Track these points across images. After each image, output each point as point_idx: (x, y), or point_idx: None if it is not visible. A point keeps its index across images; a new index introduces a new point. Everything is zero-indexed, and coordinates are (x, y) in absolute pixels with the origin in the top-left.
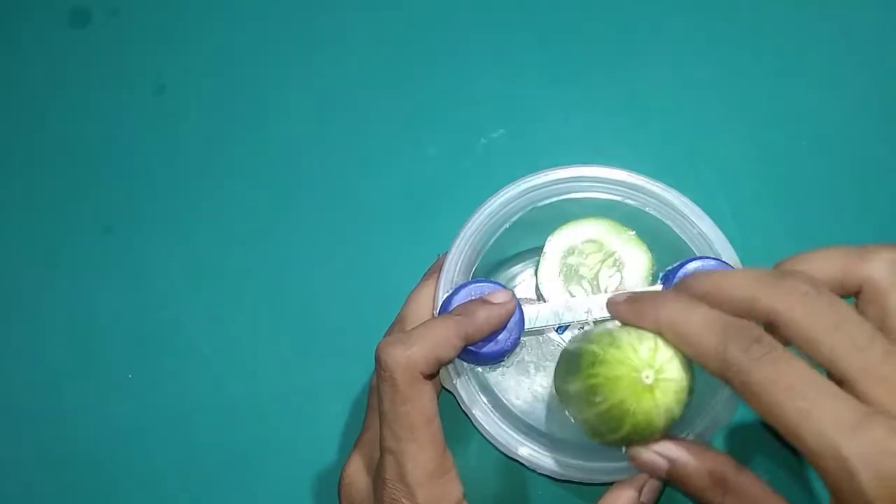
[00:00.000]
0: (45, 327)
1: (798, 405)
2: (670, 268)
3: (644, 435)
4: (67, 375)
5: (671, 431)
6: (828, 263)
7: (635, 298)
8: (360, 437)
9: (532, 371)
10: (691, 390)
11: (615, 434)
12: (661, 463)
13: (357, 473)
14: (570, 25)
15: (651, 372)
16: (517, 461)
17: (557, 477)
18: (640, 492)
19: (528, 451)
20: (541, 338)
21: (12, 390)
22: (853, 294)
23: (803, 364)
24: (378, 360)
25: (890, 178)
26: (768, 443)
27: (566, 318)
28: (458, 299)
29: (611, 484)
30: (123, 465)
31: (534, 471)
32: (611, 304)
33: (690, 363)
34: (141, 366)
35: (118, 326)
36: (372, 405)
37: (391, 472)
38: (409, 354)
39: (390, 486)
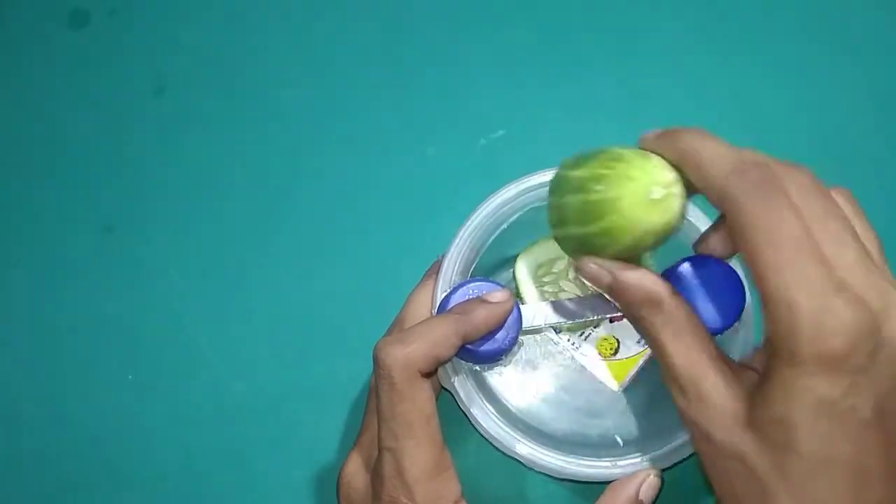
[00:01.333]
0: (45, 327)
1: (775, 258)
2: (668, 267)
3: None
4: (67, 375)
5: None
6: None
7: (665, 132)
8: (358, 436)
9: (530, 370)
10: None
11: (605, 247)
12: (605, 276)
13: (355, 472)
14: (571, 25)
15: (661, 188)
16: (516, 460)
17: (556, 476)
18: (638, 490)
19: (526, 449)
20: (538, 337)
21: (12, 390)
22: None
23: (800, 222)
24: (376, 358)
25: (890, 177)
26: None
27: (564, 317)
28: (456, 298)
29: (609, 483)
30: (123, 465)
31: (532, 469)
32: (643, 139)
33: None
34: (141, 366)
35: (118, 326)
36: (371, 405)
37: (389, 470)
38: (407, 353)
39: (389, 484)
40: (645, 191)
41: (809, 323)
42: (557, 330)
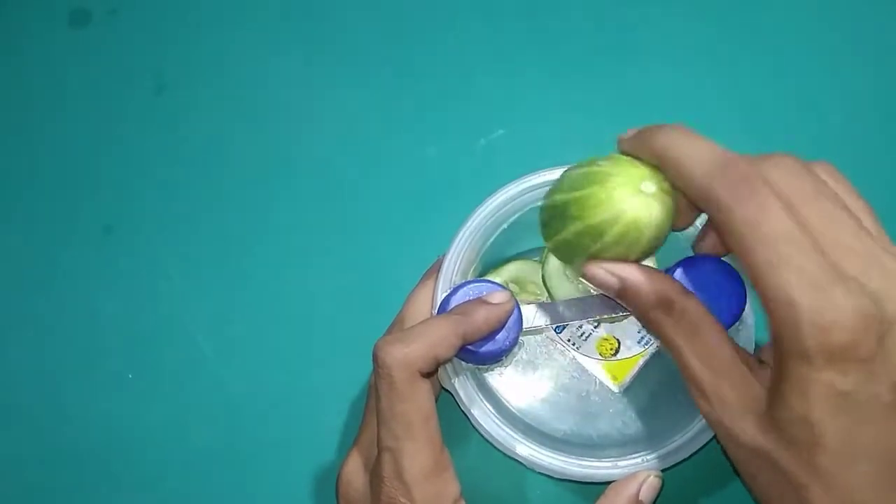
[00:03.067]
0: (45, 327)
1: (768, 256)
2: (668, 268)
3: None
4: (67, 375)
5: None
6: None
7: (641, 131)
8: (358, 436)
9: (531, 370)
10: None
11: (593, 244)
12: (613, 281)
13: (354, 472)
14: (571, 25)
15: (651, 184)
16: (516, 460)
17: (556, 476)
18: (638, 491)
19: (526, 450)
20: (539, 337)
21: (12, 390)
22: None
23: (786, 215)
24: (376, 358)
25: (890, 178)
26: None
27: (564, 318)
28: (457, 299)
29: (609, 483)
30: (123, 465)
31: (532, 470)
32: (621, 140)
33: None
34: (141, 366)
35: (118, 326)
36: (370, 405)
37: (388, 470)
38: (407, 353)
39: (388, 484)
40: (640, 179)
41: (812, 319)
42: (558, 330)
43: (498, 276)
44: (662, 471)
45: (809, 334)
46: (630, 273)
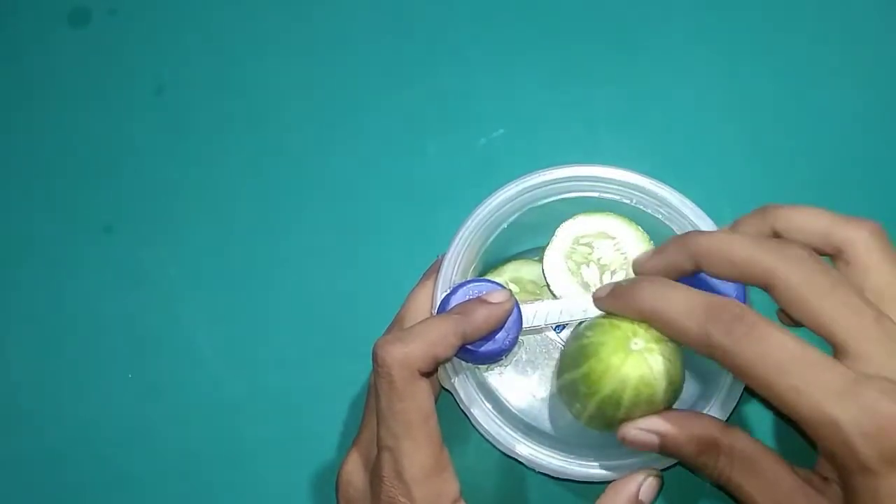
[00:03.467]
0: (45, 327)
1: (789, 382)
2: None
3: (648, 406)
4: (67, 375)
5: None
6: (814, 220)
7: (616, 288)
8: (357, 435)
9: (530, 370)
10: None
11: (618, 411)
12: (651, 438)
13: (354, 471)
14: (571, 25)
15: (640, 340)
16: (516, 460)
17: (556, 476)
18: (638, 490)
19: (526, 449)
20: (539, 336)
21: (12, 390)
22: (831, 255)
23: (787, 337)
24: (375, 357)
25: (890, 178)
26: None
27: (564, 317)
28: (456, 299)
29: (609, 483)
30: (123, 465)
31: (532, 469)
32: (595, 300)
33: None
34: (141, 366)
35: (118, 326)
36: (370, 404)
37: (388, 469)
38: (407, 352)
39: (387, 483)
40: (627, 339)
41: (860, 431)
42: (558, 329)
43: (498, 276)
44: (662, 470)
45: (863, 447)
46: (664, 426)
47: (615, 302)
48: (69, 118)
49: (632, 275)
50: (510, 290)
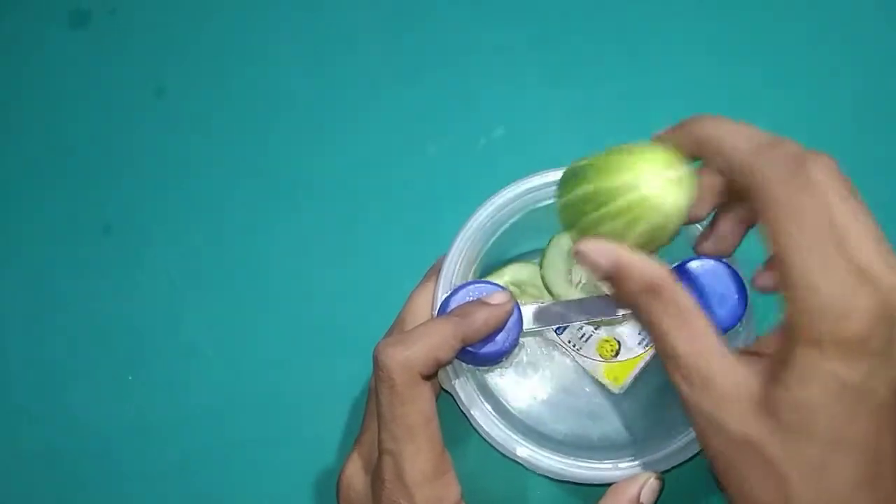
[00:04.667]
0: (45, 327)
1: (801, 240)
2: (671, 267)
3: (628, 226)
4: (67, 375)
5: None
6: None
7: (678, 124)
8: (358, 438)
9: (531, 372)
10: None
11: (608, 203)
12: (604, 261)
13: (355, 474)
14: (571, 25)
15: (678, 170)
16: (516, 462)
17: (556, 478)
18: (639, 493)
19: (527, 451)
20: (539, 339)
21: (12, 390)
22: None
23: (821, 200)
24: (376, 360)
25: (890, 178)
26: None
27: (564, 319)
28: (457, 300)
29: (610, 485)
30: (123, 465)
31: (533, 472)
32: (656, 136)
33: None
34: (141, 366)
35: (118, 326)
36: (370, 407)
37: (389, 473)
38: (408, 355)
39: (388, 486)
40: (664, 166)
41: (830, 305)
42: (558, 331)
43: (498, 279)
44: (663, 472)
45: (825, 320)
46: (623, 254)
47: (675, 133)
48: (69, 118)
49: None
50: (510, 292)
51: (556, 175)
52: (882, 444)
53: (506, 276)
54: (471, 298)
